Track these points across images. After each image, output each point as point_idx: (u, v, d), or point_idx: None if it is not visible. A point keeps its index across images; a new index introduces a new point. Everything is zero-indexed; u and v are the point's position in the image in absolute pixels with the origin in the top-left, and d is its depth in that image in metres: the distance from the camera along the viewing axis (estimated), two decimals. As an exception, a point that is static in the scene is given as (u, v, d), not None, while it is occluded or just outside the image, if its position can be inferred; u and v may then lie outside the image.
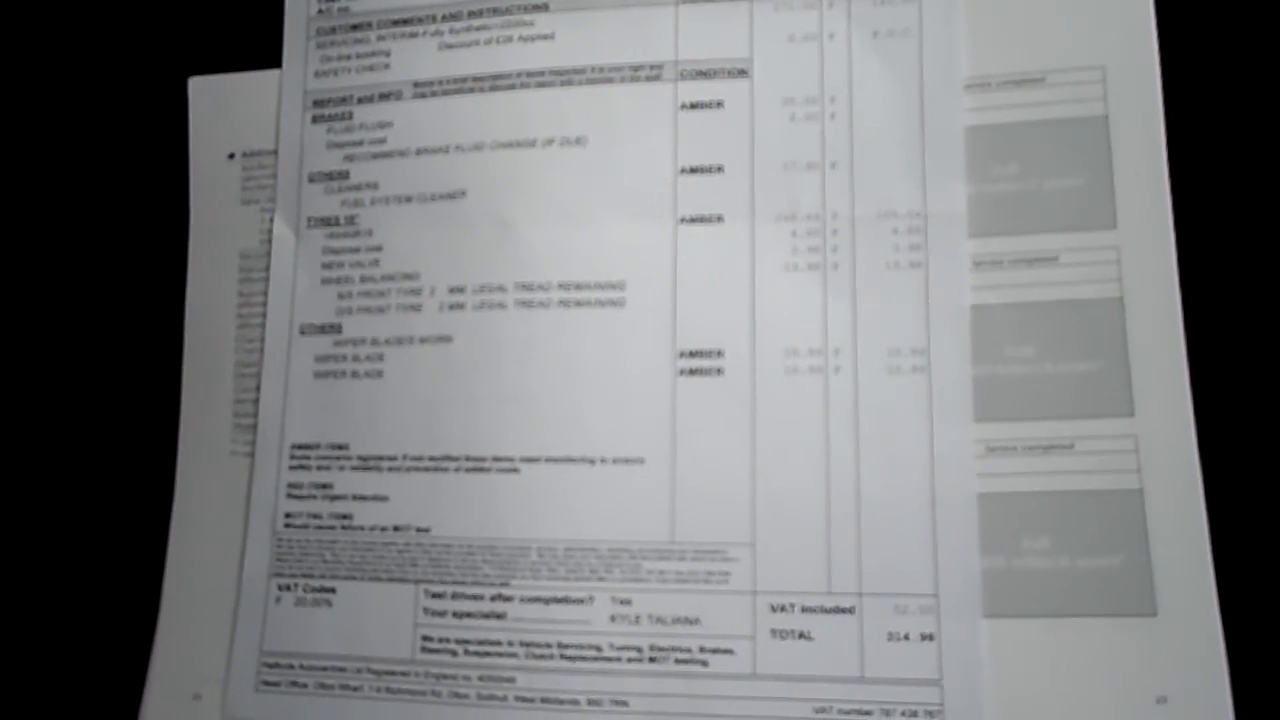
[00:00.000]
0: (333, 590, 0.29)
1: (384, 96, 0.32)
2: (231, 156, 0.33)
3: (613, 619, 0.28)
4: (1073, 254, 0.28)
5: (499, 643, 0.28)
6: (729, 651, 0.27)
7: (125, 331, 0.33)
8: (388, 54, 0.32)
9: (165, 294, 0.32)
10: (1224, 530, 0.26)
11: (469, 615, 0.28)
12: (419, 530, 0.29)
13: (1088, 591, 0.26)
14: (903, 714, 0.26)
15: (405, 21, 0.32)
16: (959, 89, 0.29)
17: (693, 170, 0.29)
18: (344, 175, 0.31)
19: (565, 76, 0.30)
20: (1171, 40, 0.28)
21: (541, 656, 0.28)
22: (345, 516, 0.30)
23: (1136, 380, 0.27)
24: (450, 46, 0.31)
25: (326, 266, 0.31)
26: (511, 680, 0.28)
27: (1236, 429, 0.27)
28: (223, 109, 0.33)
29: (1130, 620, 0.26)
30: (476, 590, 0.28)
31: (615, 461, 0.28)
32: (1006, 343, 0.28)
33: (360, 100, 0.32)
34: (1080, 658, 0.26)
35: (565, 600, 0.28)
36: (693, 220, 0.29)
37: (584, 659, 0.28)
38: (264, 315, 0.31)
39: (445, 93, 0.31)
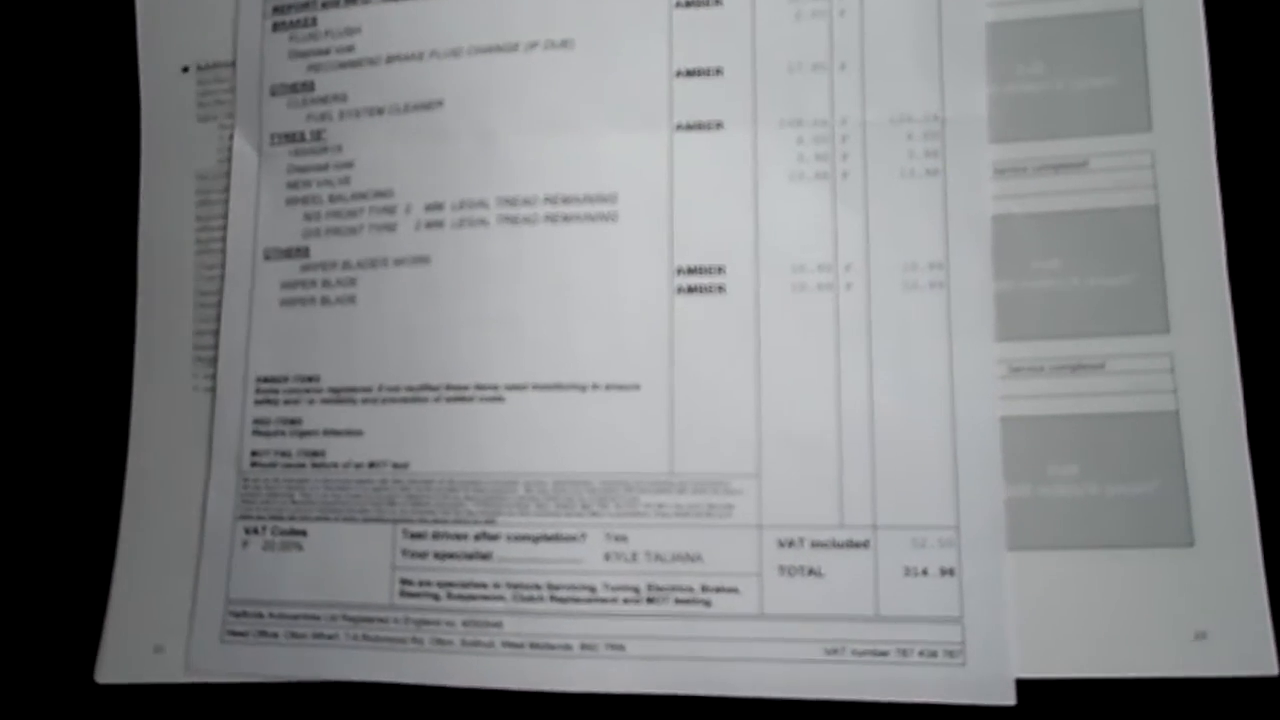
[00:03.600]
0: (303, 533, 0.27)
1: (350, 0, 0.29)
2: (185, 70, 0.30)
3: (607, 557, 0.26)
4: (1103, 159, 0.26)
5: (484, 585, 0.26)
6: (733, 590, 0.25)
7: (74, 262, 0.31)
8: (354, -47, 0.29)
9: (117, 220, 0.30)
10: (1266, 454, 0.24)
11: (451, 556, 0.27)
12: (396, 466, 0.27)
13: (1119, 521, 0.25)
14: (921, 654, 0.25)
15: (372, -83, 0.29)
16: (979, -19, 0.26)
17: (689, 73, 0.27)
18: (309, 87, 0.29)
19: (549, -27, 0.28)
20: (1210, -76, 0.26)
21: (530, 599, 0.26)
22: (316, 453, 0.28)
23: (1172, 294, 0.25)
24: (422, -57, 0.29)
25: (292, 186, 0.29)
26: (498, 625, 0.26)
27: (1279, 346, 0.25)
28: (174, 18, 0.30)
29: (1165, 551, 0.24)
30: (459, 529, 0.27)
31: (608, 388, 0.26)
32: (1031, 256, 0.26)
33: (325, 5, 0.29)
34: (1111, 592, 0.24)
35: (555, 538, 0.26)
36: (690, 127, 0.27)
37: (576, 601, 0.26)
38: (224, 240, 0.29)
39: (418, -6, 0.29)
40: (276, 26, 0.30)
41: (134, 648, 0.28)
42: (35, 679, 0.29)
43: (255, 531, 0.28)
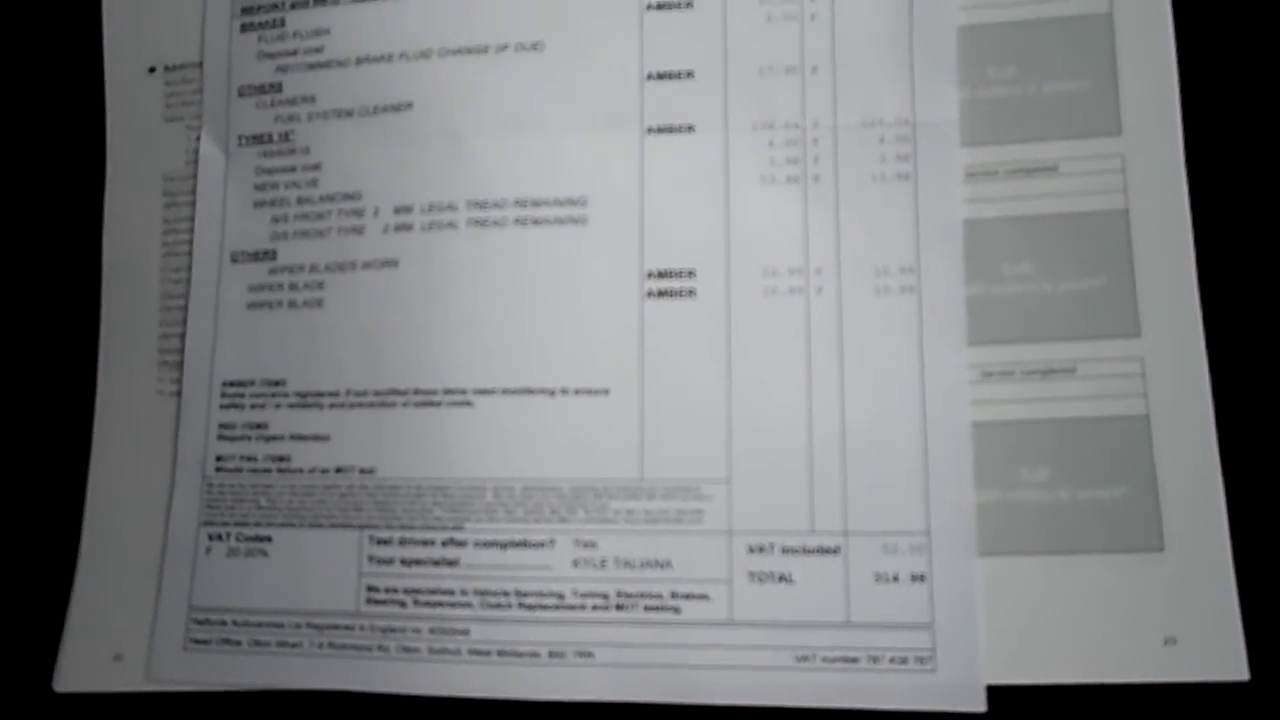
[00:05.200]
0: (269, 539, 0.27)
1: (320, 1, 0.29)
2: (152, 70, 0.30)
3: (576, 564, 0.26)
4: (1074, 163, 0.26)
5: (451, 592, 0.26)
6: (703, 597, 0.25)
7: (38, 264, 0.30)
8: (323, -47, 0.29)
9: (81, 222, 0.30)
10: (1236, 459, 0.24)
11: (418, 563, 0.26)
12: (363, 471, 0.27)
13: (1090, 526, 0.24)
14: (891, 660, 0.24)
15: (342, -83, 0.29)
16: (950, -16, 0.26)
17: (660, 76, 0.27)
18: (277, 88, 0.29)
19: (519, -26, 0.28)
20: (1180, -70, 0.26)
21: (498, 606, 0.26)
22: (282, 458, 0.27)
23: (1143, 298, 0.25)
24: (392, -56, 0.28)
25: (259, 188, 0.29)
26: (465, 632, 0.26)
27: (1249, 350, 0.25)
28: (141, 18, 0.30)
29: (1135, 556, 0.24)
30: (426, 535, 0.26)
31: (578, 392, 0.26)
32: (1002, 259, 0.26)
33: (294, 5, 0.29)
34: (1082, 597, 0.24)
35: (524, 544, 0.26)
36: (661, 130, 0.27)
37: (545, 608, 0.26)
38: (191, 242, 0.29)
39: (387, -5, 0.28)
40: (245, 27, 0.29)
41: (93, 656, 0.27)
42: (-5, 689, 0.28)
43: (219, 538, 0.27)
